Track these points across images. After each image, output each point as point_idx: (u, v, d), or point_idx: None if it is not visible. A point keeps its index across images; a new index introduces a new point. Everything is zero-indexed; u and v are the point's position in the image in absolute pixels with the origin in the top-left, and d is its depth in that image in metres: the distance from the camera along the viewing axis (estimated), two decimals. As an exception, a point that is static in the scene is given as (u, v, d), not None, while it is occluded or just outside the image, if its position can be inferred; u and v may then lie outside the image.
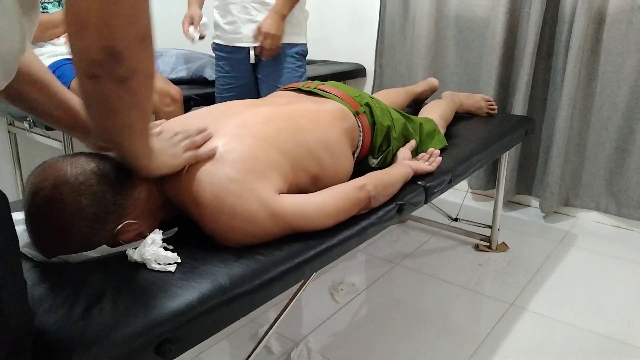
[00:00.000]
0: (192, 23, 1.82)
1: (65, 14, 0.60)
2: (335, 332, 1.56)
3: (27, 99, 0.88)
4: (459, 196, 2.56)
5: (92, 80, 0.65)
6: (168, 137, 0.93)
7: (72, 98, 0.92)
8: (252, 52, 1.82)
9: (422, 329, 1.57)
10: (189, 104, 2.05)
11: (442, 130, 1.63)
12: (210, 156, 0.92)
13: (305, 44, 1.91)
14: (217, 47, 1.91)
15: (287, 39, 1.82)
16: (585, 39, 2.09)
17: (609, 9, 2.06)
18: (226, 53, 1.88)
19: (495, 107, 1.97)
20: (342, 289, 1.76)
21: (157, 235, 0.86)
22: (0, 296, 0.55)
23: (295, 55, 1.86)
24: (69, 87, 1.82)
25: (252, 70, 1.89)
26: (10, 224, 0.59)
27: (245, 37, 1.79)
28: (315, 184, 1.08)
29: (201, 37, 1.85)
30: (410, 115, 1.52)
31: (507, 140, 1.73)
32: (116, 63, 0.63)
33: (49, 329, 0.69)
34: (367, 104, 1.34)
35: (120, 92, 0.67)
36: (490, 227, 2.06)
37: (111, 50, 0.62)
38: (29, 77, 0.86)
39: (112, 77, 0.65)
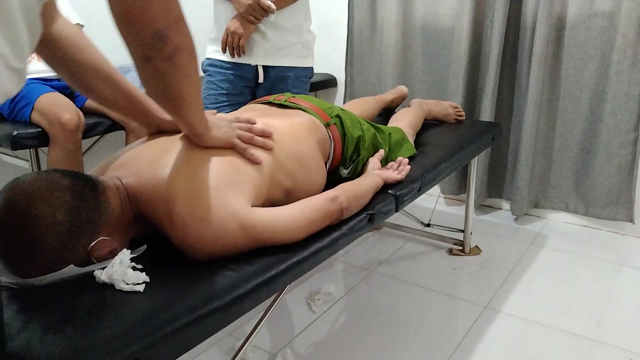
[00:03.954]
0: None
1: (113, 13, 0.75)
2: (313, 342, 1.56)
3: (95, 90, 1.02)
4: (431, 201, 2.59)
5: (147, 62, 0.80)
6: (227, 119, 1.06)
7: (133, 88, 1.06)
8: (261, 71, 1.75)
9: (399, 334, 1.59)
10: (159, 119, 2.03)
11: (411, 139, 1.66)
12: (254, 161, 1.02)
13: (312, 67, 1.86)
14: (214, 63, 1.78)
15: (298, 62, 1.77)
16: (547, 45, 2.15)
17: (568, 16, 2.13)
18: (226, 69, 1.76)
19: (463, 113, 2.01)
20: (318, 299, 1.77)
21: (125, 255, 0.85)
22: None
23: (304, 79, 1.82)
24: (32, 107, 1.79)
25: (252, 90, 1.82)
26: None
27: (255, 55, 1.73)
28: (288, 198, 1.09)
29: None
30: (380, 125, 1.54)
31: (474, 146, 1.77)
32: (163, 43, 0.78)
33: (15, 353, 0.68)
34: (337, 116, 1.35)
35: (169, 68, 0.81)
36: (462, 231, 2.09)
37: (157, 33, 0.76)
38: (97, 72, 1.00)
39: (162, 56, 0.79)
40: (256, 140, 1.05)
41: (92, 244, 0.85)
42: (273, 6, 1.60)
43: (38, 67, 1.90)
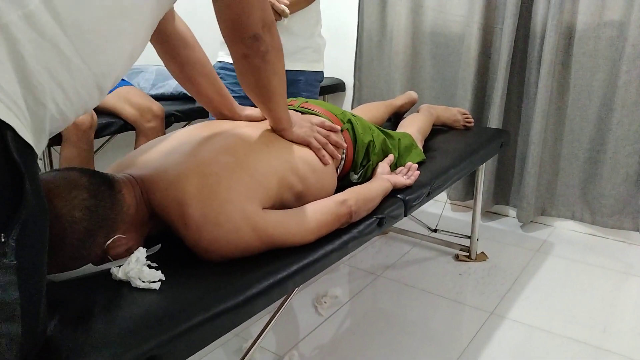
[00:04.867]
0: None
1: (221, 20, 0.92)
2: (320, 345, 1.57)
3: (197, 84, 1.18)
4: (438, 207, 2.60)
5: (245, 59, 0.97)
6: (312, 121, 1.22)
7: (223, 85, 1.23)
8: None
9: (405, 339, 1.60)
10: (170, 120, 2.06)
11: (420, 144, 1.67)
12: (324, 162, 1.18)
13: (323, 71, 1.88)
14: (225, 66, 1.80)
15: (309, 66, 1.80)
16: (556, 53, 2.16)
17: (578, 25, 2.14)
18: None
19: (472, 120, 2.03)
20: (325, 302, 1.78)
21: (141, 253, 0.87)
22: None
23: (314, 83, 1.84)
24: None
25: None
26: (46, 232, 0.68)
27: None
28: (299, 200, 1.11)
29: None
30: (389, 131, 1.56)
31: (483, 152, 1.78)
32: (258, 43, 0.94)
33: (33, 349, 0.70)
34: (349, 121, 1.37)
35: (263, 64, 0.98)
36: (469, 237, 2.10)
37: (255, 36, 0.93)
38: (201, 68, 1.16)
39: (257, 54, 0.96)
40: (328, 148, 1.21)
41: (109, 242, 0.86)
42: (287, 10, 1.61)
43: None
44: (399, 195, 1.33)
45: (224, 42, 1.80)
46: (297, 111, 1.34)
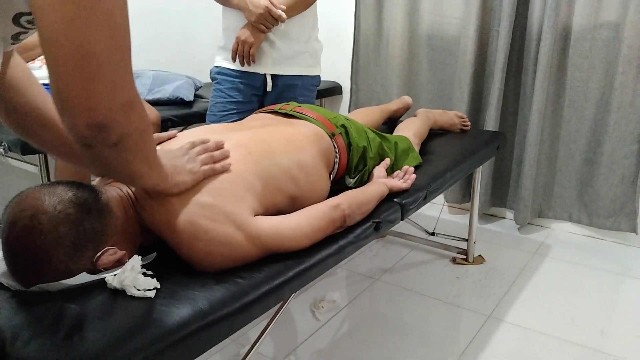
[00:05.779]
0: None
1: (52, 93, 0.63)
2: (318, 350, 1.57)
3: (36, 136, 0.93)
4: (435, 210, 2.60)
5: (86, 148, 0.68)
6: (184, 151, 0.97)
7: None
8: (269, 80, 1.76)
9: (403, 342, 1.59)
10: (166, 125, 2.06)
11: (417, 148, 1.67)
12: (226, 170, 0.98)
13: (320, 76, 1.88)
14: (222, 71, 1.79)
15: (306, 70, 1.79)
16: (552, 55, 2.16)
17: (574, 26, 2.14)
18: (234, 77, 1.77)
19: (469, 123, 2.03)
20: (323, 306, 1.77)
21: (136, 261, 0.86)
22: None
23: (311, 87, 1.84)
24: None
25: (260, 98, 1.82)
26: None
27: (263, 64, 1.74)
28: (293, 204, 1.11)
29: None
30: (386, 134, 1.56)
31: (479, 155, 1.78)
32: (104, 134, 0.66)
33: (29, 358, 0.70)
34: (342, 126, 1.36)
35: (116, 154, 0.71)
36: (466, 240, 2.10)
37: (96, 124, 0.64)
38: (38, 118, 0.90)
39: (104, 145, 0.68)
40: (216, 157, 1.00)
41: (98, 254, 0.86)
42: (284, 15, 1.61)
43: (46, 74, 1.92)
44: (395, 199, 1.33)
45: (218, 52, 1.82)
46: (290, 115, 1.33)
